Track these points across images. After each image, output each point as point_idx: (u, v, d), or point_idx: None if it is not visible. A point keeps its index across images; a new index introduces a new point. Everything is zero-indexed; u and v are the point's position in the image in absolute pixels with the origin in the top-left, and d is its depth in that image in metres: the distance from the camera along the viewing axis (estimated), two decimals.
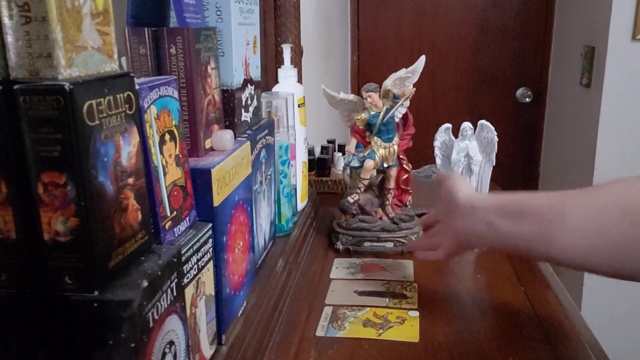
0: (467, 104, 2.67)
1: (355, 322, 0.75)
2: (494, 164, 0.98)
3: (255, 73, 0.76)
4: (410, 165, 1.01)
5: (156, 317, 0.40)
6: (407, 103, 0.95)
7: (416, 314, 0.77)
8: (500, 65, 2.62)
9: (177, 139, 0.50)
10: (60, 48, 0.34)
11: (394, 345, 0.70)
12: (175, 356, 0.44)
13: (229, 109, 0.67)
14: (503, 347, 0.68)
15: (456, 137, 0.97)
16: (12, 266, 0.37)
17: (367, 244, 0.98)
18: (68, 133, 0.34)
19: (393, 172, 0.98)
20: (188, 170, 0.52)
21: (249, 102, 0.73)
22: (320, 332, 0.73)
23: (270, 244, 0.83)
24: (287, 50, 0.98)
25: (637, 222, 0.48)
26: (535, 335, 0.70)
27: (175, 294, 0.44)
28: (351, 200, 0.98)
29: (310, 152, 1.37)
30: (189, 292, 0.49)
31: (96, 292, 0.37)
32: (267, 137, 0.78)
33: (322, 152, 1.43)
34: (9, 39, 0.34)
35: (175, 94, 0.50)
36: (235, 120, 0.68)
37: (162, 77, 0.50)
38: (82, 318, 0.36)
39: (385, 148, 0.95)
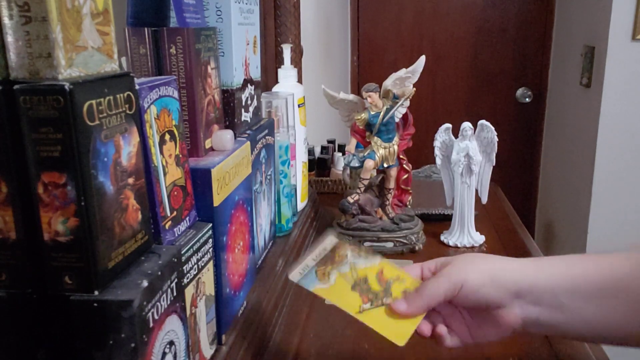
0: (467, 104, 2.67)
1: (347, 277, 0.56)
2: (494, 164, 0.98)
3: (255, 73, 0.76)
4: (410, 165, 1.01)
5: (156, 317, 0.40)
6: (407, 103, 0.95)
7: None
8: (500, 65, 2.61)
9: (177, 139, 0.50)
10: (60, 48, 0.34)
11: (395, 346, 0.70)
12: (175, 356, 0.44)
13: (229, 109, 0.67)
14: (503, 347, 0.68)
15: (456, 137, 0.98)
16: (12, 266, 0.37)
17: (367, 244, 0.98)
18: (68, 133, 0.34)
19: (393, 172, 0.98)
20: (188, 170, 0.52)
21: (249, 102, 0.73)
22: (294, 276, 0.55)
23: (270, 244, 0.83)
24: (287, 50, 0.98)
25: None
26: (535, 335, 0.70)
27: (175, 294, 0.44)
28: (351, 200, 0.98)
29: (310, 152, 1.37)
30: (189, 292, 0.49)
31: (96, 292, 0.37)
32: (267, 137, 0.78)
33: (322, 152, 1.43)
34: (9, 39, 0.34)
35: (175, 94, 0.50)
36: (235, 120, 0.68)
37: (162, 77, 0.50)
38: (82, 318, 0.36)
39: (385, 148, 0.95)
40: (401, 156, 0.99)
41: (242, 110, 0.71)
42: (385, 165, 0.97)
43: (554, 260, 0.55)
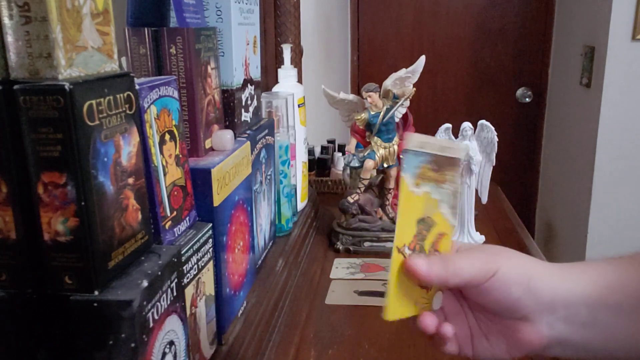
0: (467, 104, 2.67)
1: (428, 204, 0.45)
2: (494, 164, 0.98)
3: (255, 73, 0.76)
4: None
5: (156, 317, 0.40)
6: (407, 103, 0.95)
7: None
8: (500, 65, 2.61)
9: (177, 139, 0.50)
10: (60, 48, 0.34)
11: (395, 346, 0.70)
12: (175, 356, 0.44)
13: (229, 109, 0.67)
14: None
15: (456, 137, 0.97)
16: (12, 266, 0.37)
17: (367, 244, 0.98)
18: (68, 133, 0.34)
19: (393, 172, 0.98)
20: (188, 170, 0.52)
21: (249, 102, 0.73)
22: (413, 143, 0.44)
23: (270, 244, 0.83)
24: (287, 50, 0.98)
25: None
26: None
27: (175, 294, 0.44)
28: (351, 200, 0.98)
29: (310, 152, 1.37)
30: (189, 292, 0.49)
31: (96, 292, 0.37)
32: (267, 137, 0.78)
33: (322, 152, 1.43)
34: (9, 39, 0.34)
35: (175, 94, 0.50)
36: (235, 120, 0.68)
37: (162, 77, 0.50)
38: (82, 318, 0.36)
39: (385, 148, 0.95)
40: (401, 156, 0.99)
41: (242, 110, 0.71)
42: (385, 165, 0.97)
43: (585, 267, 0.45)
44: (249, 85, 0.73)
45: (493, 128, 0.95)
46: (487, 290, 0.43)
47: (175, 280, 0.44)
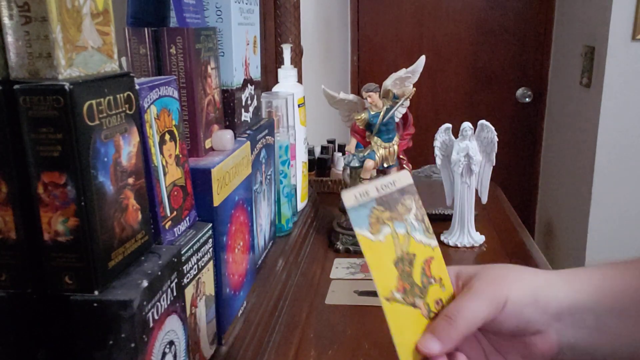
0: (467, 104, 2.67)
1: (397, 242, 0.43)
2: (494, 164, 0.98)
3: (255, 73, 0.76)
4: (410, 166, 1.01)
5: (156, 317, 0.40)
6: (407, 103, 0.95)
7: None
8: (500, 65, 2.61)
9: (177, 139, 0.50)
10: (60, 48, 0.34)
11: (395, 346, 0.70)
12: (175, 356, 0.44)
13: (229, 109, 0.67)
14: None
15: (456, 137, 0.97)
16: (12, 266, 0.37)
17: None
18: (68, 133, 0.34)
19: (393, 172, 0.98)
20: (188, 170, 0.52)
21: (249, 102, 0.73)
22: (349, 199, 0.41)
23: (270, 244, 0.83)
24: (287, 50, 0.98)
25: None
26: None
27: (175, 294, 0.44)
28: None
29: (310, 152, 1.37)
30: (189, 292, 0.49)
31: (96, 292, 0.37)
32: (267, 137, 0.78)
33: (322, 152, 1.43)
34: (9, 39, 0.34)
35: (175, 94, 0.50)
36: (235, 120, 0.68)
37: (162, 77, 0.50)
38: (82, 318, 0.36)
39: (385, 148, 0.95)
40: (401, 156, 0.99)
41: (242, 110, 0.71)
42: (385, 165, 0.97)
43: (590, 272, 0.46)
44: (249, 85, 0.73)
45: (493, 128, 0.95)
46: (500, 320, 0.43)
47: (175, 280, 0.44)
